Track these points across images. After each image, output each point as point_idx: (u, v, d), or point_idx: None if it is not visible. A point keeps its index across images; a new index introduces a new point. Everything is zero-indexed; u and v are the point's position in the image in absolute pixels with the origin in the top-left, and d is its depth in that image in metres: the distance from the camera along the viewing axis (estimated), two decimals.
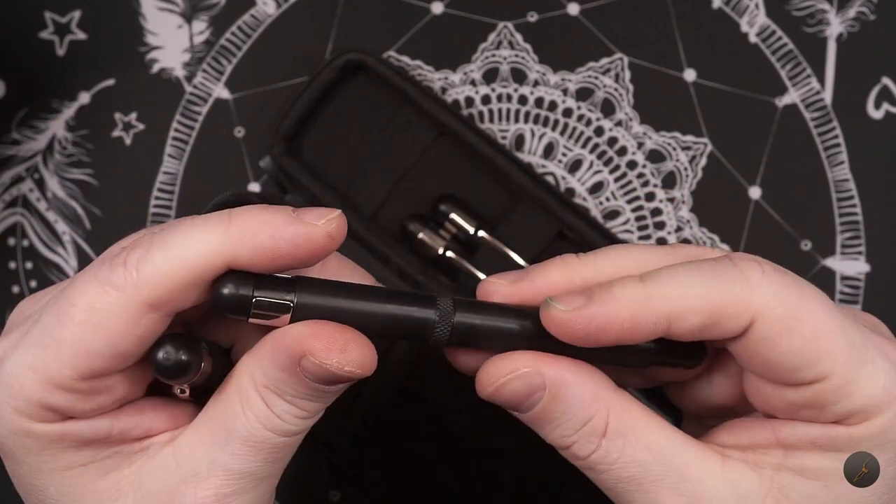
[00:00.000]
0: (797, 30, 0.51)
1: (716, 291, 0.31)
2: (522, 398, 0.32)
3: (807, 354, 0.31)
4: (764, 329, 0.31)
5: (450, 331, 0.32)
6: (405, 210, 0.49)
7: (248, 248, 0.29)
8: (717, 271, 0.32)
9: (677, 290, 0.31)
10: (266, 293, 0.30)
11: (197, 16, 0.51)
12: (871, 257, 0.50)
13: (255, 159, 0.50)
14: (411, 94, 0.48)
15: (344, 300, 0.31)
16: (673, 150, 0.50)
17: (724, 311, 0.31)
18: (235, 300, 0.30)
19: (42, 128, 0.50)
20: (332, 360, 0.30)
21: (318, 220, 0.30)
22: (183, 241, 0.30)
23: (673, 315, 0.31)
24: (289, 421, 0.32)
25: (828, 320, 0.31)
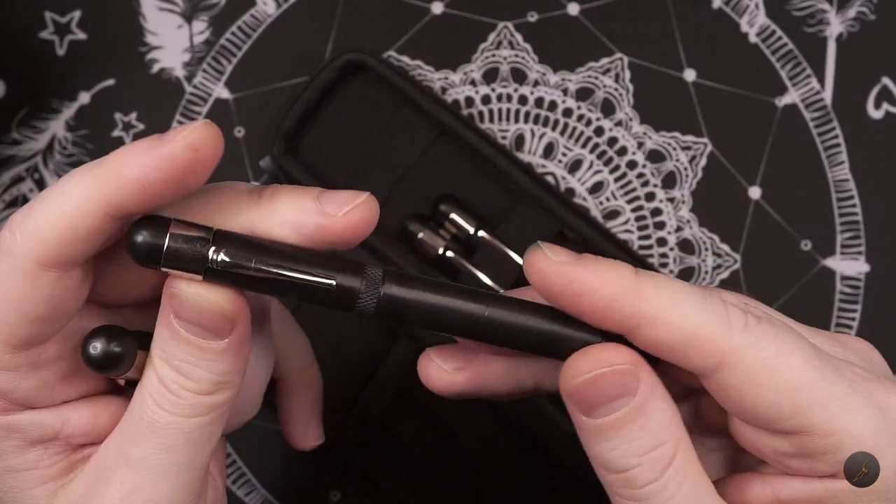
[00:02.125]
0: (797, 30, 0.51)
1: (694, 317, 0.30)
2: (609, 398, 0.30)
3: (782, 408, 0.30)
4: (733, 376, 0.30)
5: (376, 302, 0.30)
6: (405, 210, 0.49)
7: (117, 185, 0.28)
8: (705, 301, 0.30)
9: (662, 297, 0.30)
10: (179, 243, 0.29)
11: (197, 16, 0.51)
12: (871, 257, 0.50)
13: (255, 159, 0.50)
14: (411, 94, 0.48)
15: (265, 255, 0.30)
16: (673, 150, 0.50)
17: (692, 342, 0.30)
18: (145, 247, 0.29)
19: (42, 128, 0.50)
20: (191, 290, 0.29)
21: (177, 135, 0.29)
22: (58, 194, 0.29)
23: (647, 318, 0.30)
24: (178, 393, 0.30)
25: (806, 373, 0.30)
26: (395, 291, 0.30)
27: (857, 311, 0.49)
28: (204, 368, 0.30)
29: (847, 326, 0.49)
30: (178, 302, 0.30)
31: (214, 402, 0.31)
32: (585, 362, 0.30)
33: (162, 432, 0.30)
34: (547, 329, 0.31)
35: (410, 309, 0.31)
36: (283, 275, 0.30)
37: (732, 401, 0.30)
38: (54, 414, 0.31)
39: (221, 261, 0.29)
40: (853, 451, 0.30)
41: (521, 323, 0.31)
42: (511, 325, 0.31)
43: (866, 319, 0.49)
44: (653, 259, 0.50)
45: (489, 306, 0.31)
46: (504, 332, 0.31)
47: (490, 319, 0.31)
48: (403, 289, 0.31)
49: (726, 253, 0.50)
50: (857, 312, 0.49)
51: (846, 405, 0.30)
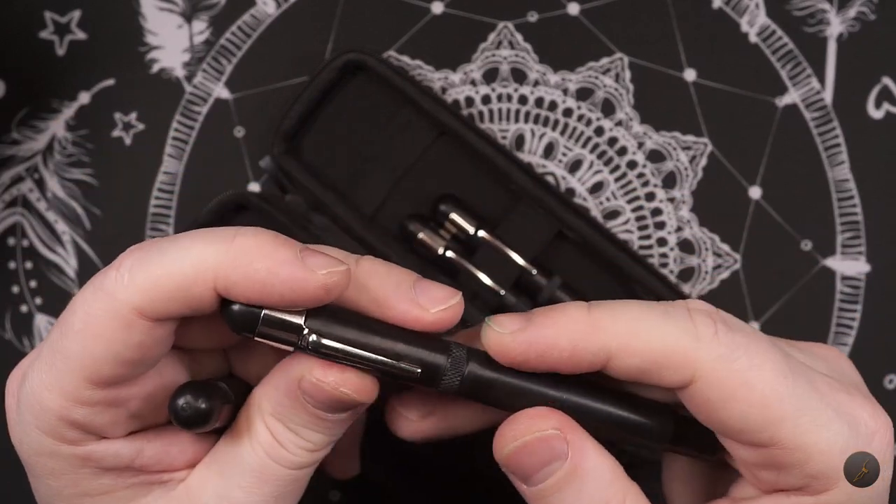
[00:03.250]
0: (797, 30, 0.51)
1: (660, 337, 0.30)
2: (540, 464, 0.31)
3: (751, 421, 0.30)
4: (704, 389, 0.30)
5: (459, 380, 0.31)
6: (405, 210, 0.49)
7: (240, 273, 0.29)
8: (669, 317, 0.30)
9: (623, 326, 0.30)
10: (276, 311, 0.30)
11: (197, 16, 0.51)
12: (872, 257, 0.50)
13: (255, 159, 0.50)
14: (411, 94, 0.48)
15: (355, 331, 0.30)
16: (673, 150, 0.50)
17: (664, 361, 0.30)
18: (243, 314, 0.30)
19: (42, 128, 0.50)
20: (329, 379, 0.30)
21: (321, 269, 0.29)
22: (181, 251, 0.29)
23: (613, 351, 0.30)
24: (294, 452, 0.31)
25: (776, 387, 0.30)
26: (479, 371, 0.31)
27: (858, 312, 0.49)
28: (323, 434, 0.32)
29: (847, 327, 0.49)
30: (314, 389, 0.30)
31: (324, 454, 0.33)
32: (512, 430, 0.31)
33: (275, 482, 0.31)
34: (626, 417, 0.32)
35: (494, 389, 0.31)
36: (370, 359, 0.31)
37: (705, 413, 0.30)
38: (129, 444, 0.32)
39: (313, 342, 0.30)
40: (820, 467, 0.30)
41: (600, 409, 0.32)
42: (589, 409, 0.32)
43: (867, 319, 0.49)
44: (653, 259, 0.50)
45: (569, 393, 0.32)
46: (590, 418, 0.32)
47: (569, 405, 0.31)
48: (486, 370, 0.32)
49: (726, 253, 0.50)
50: (857, 313, 0.49)
51: (816, 420, 0.30)
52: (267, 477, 0.31)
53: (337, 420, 0.32)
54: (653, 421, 0.32)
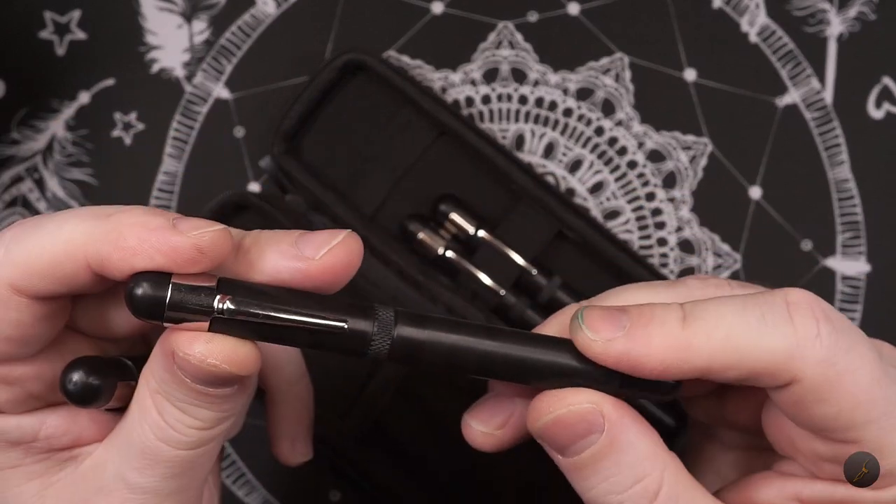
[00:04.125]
0: (798, 29, 0.51)
1: (759, 348, 0.29)
2: (576, 437, 0.30)
3: (841, 421, 0.29)
4: (801, 392, 0.29)
5: (389, 344, 0.29)
6: (405, 210, 0.49)
7: (112, 247, 0.28)
8: (766, 321, 0.29)
9: (719, 342, 0.29)
10: (182, 294, 0.28)
11: (197, 15, 0.51)
12: (872, 257, 0.50)
13: (255, 159, 0.50)
14: (411, 93, 0.48)
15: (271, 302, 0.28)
16: (673, 150, 0.50)
17: (763, 370, 0.29)
18: (146, 301, 0.28)
19: (42, 128, 0.50)
20: (195, 351, 0.28)
21: (192, 230, 0.28)
22: (55, 228, 0.28)
23: (708, 370, 0.29)
24: (182, 431, 0.30)
25: (871, 389, 0.29)
26: (409, 332, 0.29)
27: (858, 312, 0.49)
28: (210, 409, 0.30)
29: None
30: (184, 363, 0.29)
31: (218, 432, 0.31)
32: (546, 403, 0.30)
33: (166, 463, 0.30)
34: (564, 364, 0.30)
35: (426, 350, 0.30)
36: (293, 320, 0.29)
37: (794, 410, 0.30)
38: (31, 417, 0.31)
39: (228, 309, 0.28)
40: (889, 466, 0.30)
41: (537, 359, 0.30)
42: (527, 361, 0.30)
43: (867, 320, 0.49)
44: (653, 259, 0.50)
45: (505, 343, 0.30)
46: (521, 369, 0.30)
47: (506, 357, 0.30)
48: (417, 329, 0.30)
49: (727, 253, 0.50)
50: (857, 313, 0.49)
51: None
52: (158, 458, 0.30)
53: (222, 395, 0.30)
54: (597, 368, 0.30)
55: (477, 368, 0.30)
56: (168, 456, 0.30)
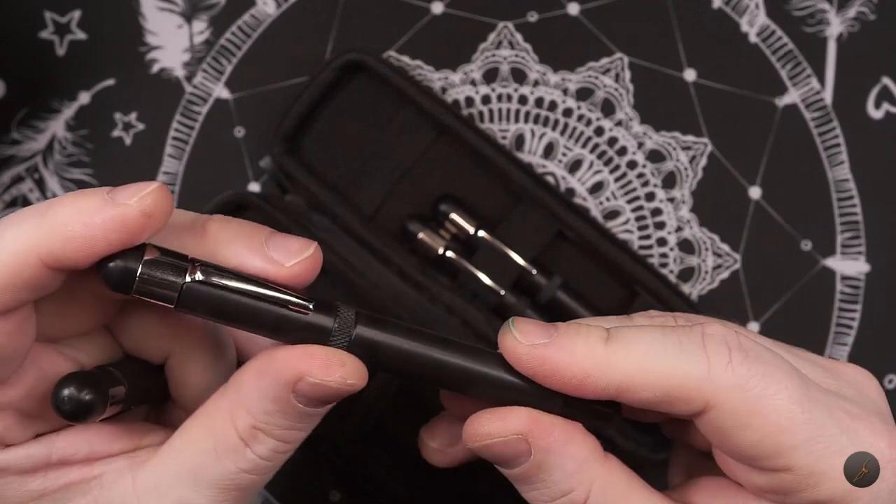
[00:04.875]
0: (797, 30, 0.51)
1: (672, 372, 0.30)
2: (507, 460, 0.31)
3: (766, 448, 0.30)
4: (718, 419, 0.30)
5: (347, 343, 0.30)
6: (405, 210, 0.49)
7: (60, 239, 0.28)
8: (682, 348, 0.30)
9: (635, 363, 0.30)
10: (153, 271, 0.29)
11: (197, 16, 0.51)
12: (872, 257, 0.50)
13: (255, 159, 0.50)
14: (411, 94, 0.48)
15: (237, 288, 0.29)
16: (673, 150, 0.50)
17: (676, 394, 0.30)
18: (119, 273, 0.28)
19: (42, 128, 0.50)
20: (336, 376, 0.29)
21: (131, 198, 0.28)
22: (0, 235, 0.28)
23: (624, 387, 0.30)
24: (272, 459, 0.31)
25: (792, 415, 0.30)
26: (367, 333, 0.30)
27: (858, 312, 0.49)
28: (306, 430, 0.31)
29: (847, 326, 0.49)
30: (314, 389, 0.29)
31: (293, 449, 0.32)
32: (475, 429, 0.31)
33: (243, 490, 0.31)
34: (509, 382, 0.31)
35: (382, 352, 0.30)
36: (262, 294, 0.29)
37: (718, 439, 0.31)
38: (38, 444, 0.31)
39: (197, 280, 0.29)
40: (830, 492, 0.30)
41: (483, 373, 0.31)
42: (474, 375, 0.31)
43: (866, 319, 0.49)
44: (653, 259, 0.50)
45: (454, 356, 0.31)
46: (467, 382, 0.31)
47: (454, 367, 0.31)
48: (376, 331, 0.30)
49: (726, 253, 0.50)
50: (857, 313, 0.49)
51: (830, 447, 0.30)
52: (237, 486, 0.31)
53: (324, 412, 0.31)
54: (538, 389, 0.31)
55: (427, 376, 0.31)
56: (246, 483, 0.31)
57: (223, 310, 0.29)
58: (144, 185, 0.28)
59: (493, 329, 0.46)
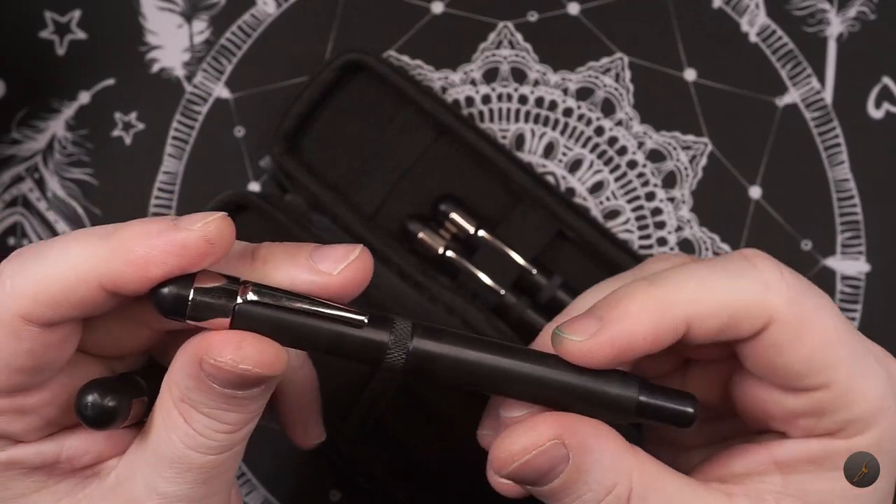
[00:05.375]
0: (797, 29, 0.51)
1: (734, 292, 0.30)
2: (545, 473, 0.30)
3: (814, 362, 0.30)
4: (777, 334, 0.30)
5: (405, 357, 0.30)
6: (405, 210, 0.49)
7: (122, 262, 0.28)
8: (733, 270, 0.30)
9: (693, 292, 0.30)
10: (205, 295, 0.29)
11: (197, 15, 0.51)
12: (872, 257, 0.50)
13: (255, 159, 0.50)
14: (411, 93, 0.48)
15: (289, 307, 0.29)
16: (673, 150, 0.50)
17: (742, 314, 0.30)
18: (171, 299, 0.29)
19: (42, 127, 0.50)
20: (226, 358, 0.28)
21: (195, 224, 0.29)
22: (59, 254, 0.29)
23: (691, 318, 0.30)
24: (211, 437, 0.30)
25: (837, 329, 0.30)
26: (425, 346, 0.30)
27: (858, 311, 0.49)
28: (240, 413, 0.30)
29: None
30: (213, 370, 0.29)
31: (246, 433, 0.31)
32: (509, 449, 0.30)
33: (197, 470, 0.30)
34: (580, 385, 0.30)
35: (440, 363, 0.30)
36: (315, 311, 0.29)
37: (770, 359, 0.30)
38: (50, 442, 0.31)
39: (250, 301, 0.29)
40: (860, 411, 0.30)
41: (554, 378, 0.30)
42: (544, 380, 0.30)
43: (867, 319, 0.49)
44: None
45: (522, 361, 0.30)
46: (536, 388, 0.30)
47: (523, 375, 0.30)
48: (433, 342, 0.30)
49: (727, 253, 0.50)
50: (857, 312, 0.49)
51: (864, 365, 0.31)
52: (189, 465, 0.30)
53: (250, 396, 0.30)
54: (616, 389, 0.30)
55: (492, 385, 0.30)
56: (198, 462, 0.30)
57: (277, 330, 0.29)
58: (209, 213, 0.29)
59: (493, 329, 0.46)
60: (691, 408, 0.31)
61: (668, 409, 0.31)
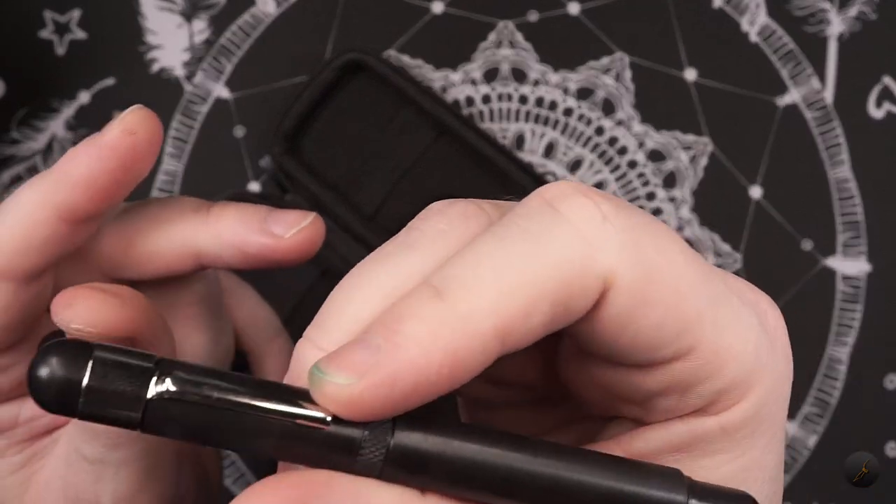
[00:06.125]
0: (798, 29, 0.51)
1: (552, 268, 0.22)
2: None
3: (669, 327, 0.23)
4: (617, 302, 0.22)
5: (384, 455, 0.22)
6: (405, 210, 0.49)
7: (66, 187, 0.28)
8: (538, 234, 0.22)
9: (496, 291, 0.21)
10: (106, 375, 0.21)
11: (197, 15, 0.51)
12: (873, 257, 0.50)
13: (255, 159, 0.50)
14: (411, 93, 0.48)
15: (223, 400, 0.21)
16: (674, 150, 0.50)
17: (569, 293, 0.22)
18: (55, 385, 0.21)
19: (42, 127, 0.50)
20: (58, 318, 0.26)
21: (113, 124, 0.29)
22: (12, 205, 0.29)
23: (506, 327, 0.21)
24: None
25: (689, 274, 0.23)
26: (411, 441, 0.22)
27: (859, 311, 0.49)
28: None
29: (848, 326, 0.49)
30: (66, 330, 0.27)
31: None
32: None
33: (106, 434, 0.29)
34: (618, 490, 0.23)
35: (433, 463, 0.22)
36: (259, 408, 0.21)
37: (612, 335, 0.23)
38: (9, 405, 0.31)
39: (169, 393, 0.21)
40: (732, 375, 0.24)
41: (584, 481, 0.22)
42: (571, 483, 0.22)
43: (867, 319, 0.49)
44: None
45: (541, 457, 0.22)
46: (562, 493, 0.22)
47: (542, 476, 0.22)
48: (422, 435, 0.22)
49: (727, 252, 0.50)
50: (858, 312, 0.49)
51: (730, 313, 0.24)
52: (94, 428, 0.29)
53: None
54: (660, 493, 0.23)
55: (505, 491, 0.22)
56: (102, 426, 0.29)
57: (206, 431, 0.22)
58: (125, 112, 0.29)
59: None
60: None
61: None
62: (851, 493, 0.47)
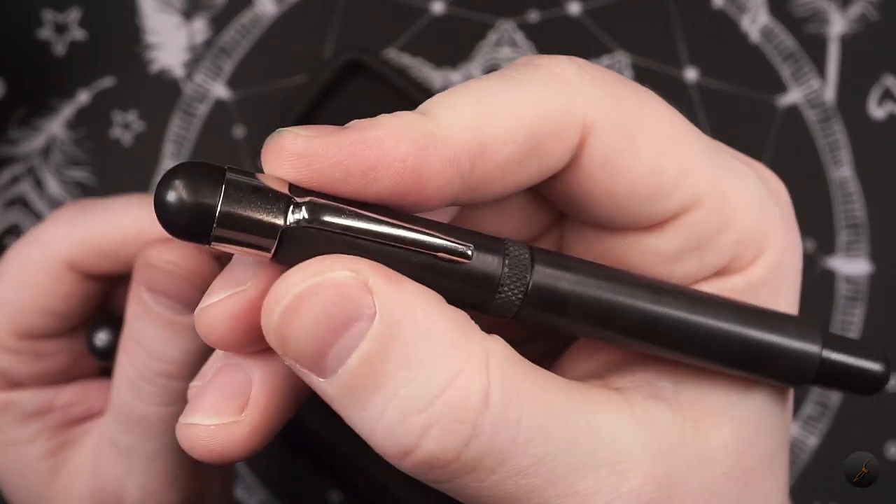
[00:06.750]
0: (799, 29, 0.51)
1: (529, 105, 0.22)
2: (330, 333, 0.19)
3: (665, 172, 0.22)
4: (601, 146, 0.22)
5: (523, 294, 0.21)
6: None
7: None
8: (519, 78, 0.22)
9: (474, 111, 0.21)
10: (240, 200, 0.19)
11: (196, 15, 0.51)
12: (874, 257, 0.50)
13: (255, 159, 0.50)
14: (411, 93, 0.48)
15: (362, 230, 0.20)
16: None
17: (546, 129, 0.22)
18: (188, 208, 0.19)
19: (41, 127, 0.50)
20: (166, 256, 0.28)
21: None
22: (123, 211, 0.30)
23: (476, 147, 0.21)
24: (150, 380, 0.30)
25: (678, 123, 0.23)
26: (551, 279, 0.21)
27: (860, 312, 0.49)
28: (174, 345, 0.30)
29: (849, 327, 0.49)
30: (149, 272, 0.29)
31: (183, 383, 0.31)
32: (282, 284, 0.20)
33: (142, 422, 0.31)
34: (754, 337, 0.22)
35: (571, 305, 0.21)
36: (401, 238, 0.20)
37: (603, 188, 0.22)
38: (47, 389, 0.32)
39: (304, 220, 0.19)
40: (745, 225, 0.23)
41: (722, 328, 0.22)
42: (709, 329, 0.22)
43: (868, 320, 0.49)
44: None
45: (681, 301, 0.22)
46: (699, 338, 0.22)
47: (680, 321, 0.22)
48: (562, 272, 0.21)
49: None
50: (859, 312, 0.49)
51: (729, 164, 0.24)
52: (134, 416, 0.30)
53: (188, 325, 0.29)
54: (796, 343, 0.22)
55: (640, 334, 0.22)
56: (141, 413, 0.30)
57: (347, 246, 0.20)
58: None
59: None
60: (880, 364, 0.23)
61: (853, 369, 0.23)
62: (851, 493, 0.47)
